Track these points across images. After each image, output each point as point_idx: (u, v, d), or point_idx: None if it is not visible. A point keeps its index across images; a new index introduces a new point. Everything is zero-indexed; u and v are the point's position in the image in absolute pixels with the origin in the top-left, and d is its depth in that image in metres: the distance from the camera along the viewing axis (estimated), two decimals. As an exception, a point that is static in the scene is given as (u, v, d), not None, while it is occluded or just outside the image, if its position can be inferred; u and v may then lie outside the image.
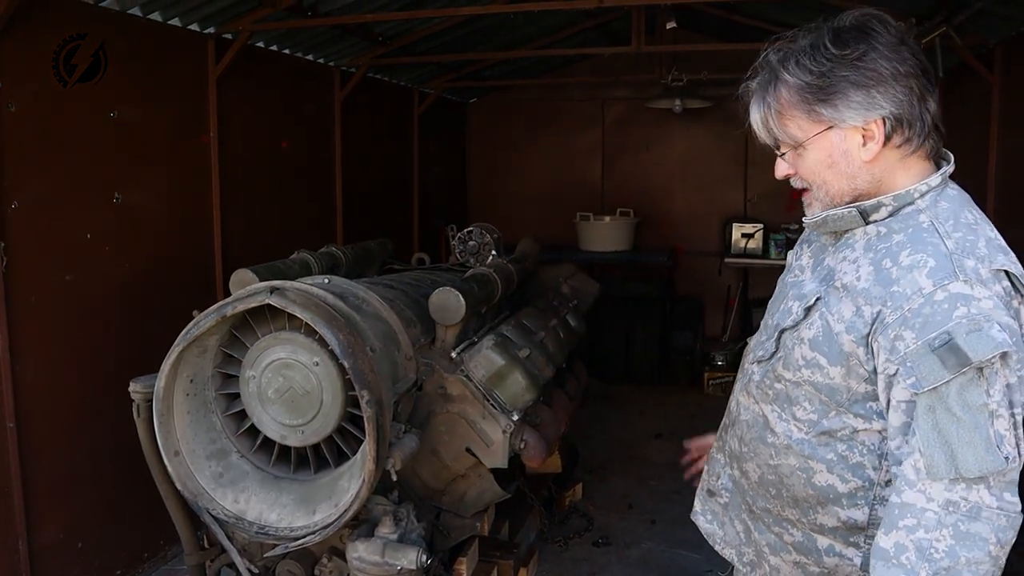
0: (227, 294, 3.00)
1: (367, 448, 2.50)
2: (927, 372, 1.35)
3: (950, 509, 1.34)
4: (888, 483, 1.53)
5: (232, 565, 2.90)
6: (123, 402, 2.79)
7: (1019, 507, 1.36)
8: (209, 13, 4.09)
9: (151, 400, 2.71)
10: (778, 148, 1.58)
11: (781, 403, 1.63)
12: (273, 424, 2.73)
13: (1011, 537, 1.37)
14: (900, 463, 1.41)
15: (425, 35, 5.62)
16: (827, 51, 1.45)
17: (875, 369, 1.46)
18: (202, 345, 2.74)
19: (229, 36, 4.30)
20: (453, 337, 3.11)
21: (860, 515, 1.57)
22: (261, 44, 4.79)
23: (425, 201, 7.21)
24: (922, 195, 1.50)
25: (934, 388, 1.34)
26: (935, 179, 1.51)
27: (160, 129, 3.96)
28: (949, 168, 1.54)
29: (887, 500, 1.45)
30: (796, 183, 1.61)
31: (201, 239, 4.31)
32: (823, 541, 1.64)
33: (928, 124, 1.48)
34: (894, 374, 1.40)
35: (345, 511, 2.59)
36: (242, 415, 2.82)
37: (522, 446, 3.07)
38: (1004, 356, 1.33)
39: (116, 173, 3.68)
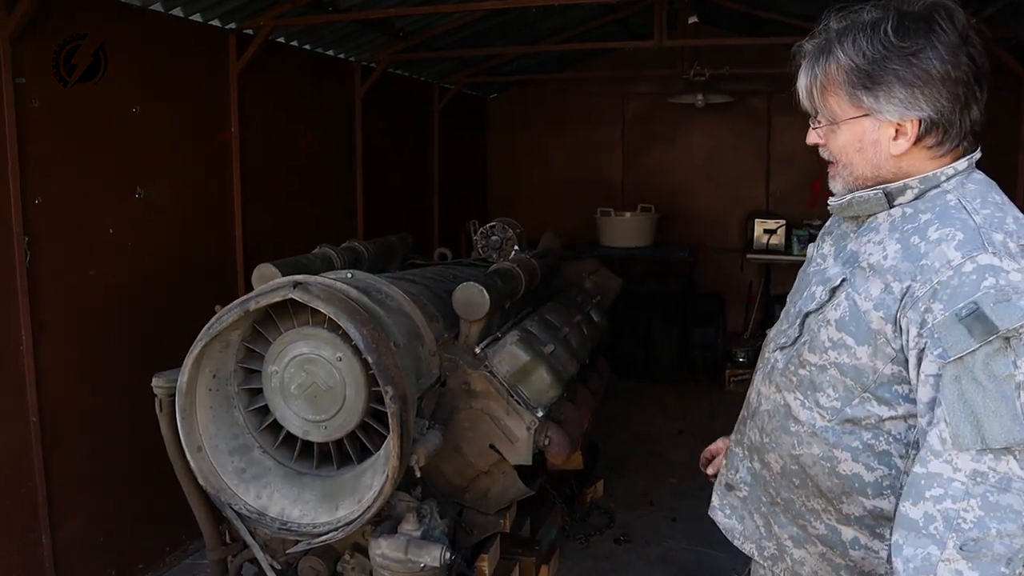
0: (249, 289, 3.00)
1: (391, 444, 2.48)
2: (953, 342, 1.33)
3: (978, 480, 1.31)
4: None
5: (254, 561, 2.90)
6: (145, 396, 2.79)
7: None
8: (230, 8, 4.09)
9: (173, 395, 2.71)
10: (814, 117, 1.58)
11: (804, 390, 1.61)
12: (296, 419, 2.72)
13: None
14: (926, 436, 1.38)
15: (445, 30, 5.58)
16: (886, 37, 1.43)
17: (902, 348, 1.44)
18: (225, 340, 2.74)
19: (250, 32, 4.30)
20: (477, 333, 3.08)
21: (887, 504, 1.54)
22: (282, 39, 4.78)
23: (445, 196, 7.19)
24: (948, 178, 1.50)
25: (960, 358, 1.33)
26: (961, 163, 1.51)
27: (181, 124, 3.96)
28: (976, 155, 1.54)
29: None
30: (824, 154, 1.62)
31: (223, 234, 4.32)
32: (848, 533, 1.61)
33: (965, 130, 1.48)
34: (924, 348, 1.38)
35: (368, 507, 2.57)
36: (265, 410, 2.81)
37: (546, 443, 3.04)
38: None
39: (138, 168, 3.68)
